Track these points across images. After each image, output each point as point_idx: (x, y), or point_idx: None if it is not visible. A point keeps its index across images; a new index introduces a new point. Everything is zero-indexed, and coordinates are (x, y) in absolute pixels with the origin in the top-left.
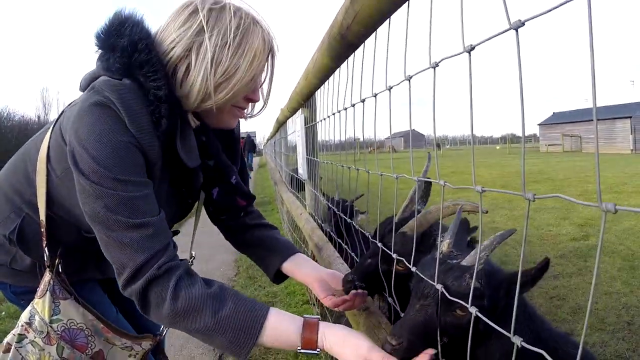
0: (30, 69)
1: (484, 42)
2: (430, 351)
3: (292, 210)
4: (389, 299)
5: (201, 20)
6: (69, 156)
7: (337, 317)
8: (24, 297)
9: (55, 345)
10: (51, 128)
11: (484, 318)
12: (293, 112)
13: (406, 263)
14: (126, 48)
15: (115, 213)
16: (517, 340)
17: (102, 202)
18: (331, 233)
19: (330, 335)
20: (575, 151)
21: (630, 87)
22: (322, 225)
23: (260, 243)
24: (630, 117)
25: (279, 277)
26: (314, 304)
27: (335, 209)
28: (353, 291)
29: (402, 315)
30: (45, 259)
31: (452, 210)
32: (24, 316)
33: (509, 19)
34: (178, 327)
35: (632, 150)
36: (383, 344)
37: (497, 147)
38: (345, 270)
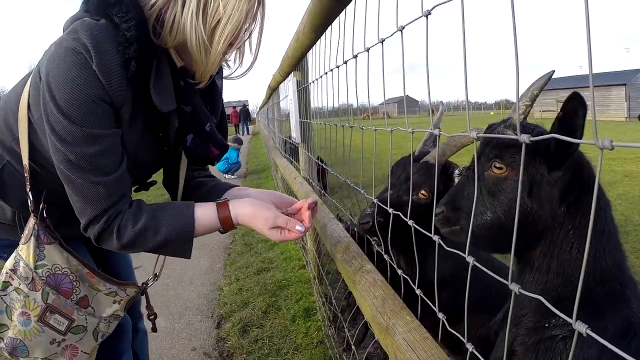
0: (17, 43)
1: None
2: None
3: (286, 175)
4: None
5: None
6: (41, 97)
7: (333, 280)
8: (5, 250)
9: (40, 290)
10: (34, 72)
11: None
12: (285, 76)
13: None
14: None
15: (76, 169)
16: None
17: (65, 155)
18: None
19: (241, 212)
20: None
21: (626, 55)
22: (314, 184)
23: (199, 186)
24: (625, 84)
25: None
26: (311, 267)
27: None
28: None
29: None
30: (30, 204)
31: (469, 140)
32: (8, 263)
33: None
34: (134, 252)
35: (626, 117)
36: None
37: (492, 113)
38: (341, 231)
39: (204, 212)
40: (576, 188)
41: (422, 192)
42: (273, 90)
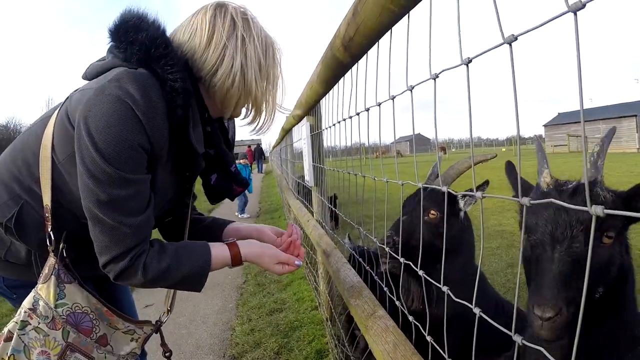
0: (35, 79)
1: (480, 55)
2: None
3: (299, 217)
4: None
5: (236, 22)
6: (75, 139)
7: (347, 320)
8: (17, 291)
9: (61, 329)
10: (55, 113)
11: None
12: (299, 120)
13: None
14: (144, 42)
15: (107, 209)
16: None
17: (97, 195)
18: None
19: (249, 252)
20: (581, 151)
21: (635, 85)
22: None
23: (197, 221)
24: (636, 115)
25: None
26: (323, 309)
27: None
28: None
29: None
30: (50, 243)
31: (469, 164)
32: (27, 302)
33: (502, 34)
34: (154, 287)
35: (638, 149)
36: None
37: (503, 150)
38: (354, 276)
39: (218, 251)
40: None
41: (432, 212)
42: (286, 132)
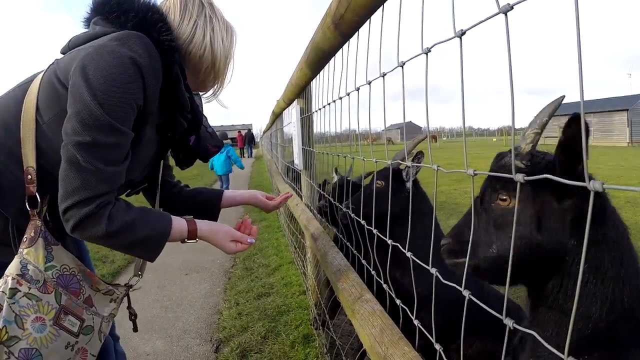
0: (21, 63)
1: (474, 26)
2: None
3: (288, 201)
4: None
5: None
6: (70, 87)
7: (332, 308)
8: None
9: (53, 292)
10: (40, 77)
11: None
12: (289, 103)
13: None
14: (140, 9)
15: (86, 151)
16: None
17: (81, 137)
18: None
19: (204, 228)
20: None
21: (628, 80)
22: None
23: (194, 195)
24: (627, 109)
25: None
26: (310, 294)
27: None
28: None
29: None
30: (34, 206)
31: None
32: (13, 269)
33: (498, 3)
34: (111, 244)
35: (628, 143)
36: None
37: (494, 140)
38: (341, 259)
39: (176, 223)
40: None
41: (378, 182)
42: (277, 116)
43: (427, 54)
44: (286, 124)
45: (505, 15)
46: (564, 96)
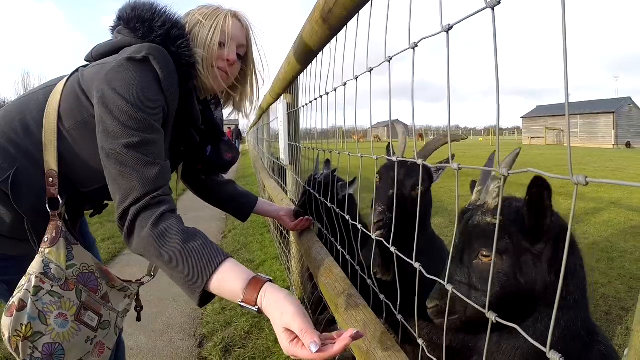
0: (11, 51)
1: (461, 21)
2: (352, 330)
3: (273, 196)
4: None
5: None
6: (96, 101)
7: (316, 303)
8: None
9: (74, 289)
10: (63, 83)
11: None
12: (276, 97)
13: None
14: (165, 23)
15: (133, 149)
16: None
17: (124, 139)
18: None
19: (269, 296)
20: (558, 144)
21: (614, 83)
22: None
23: (232, 197)
24: (613, 112)
25: (247, 217)
26: (294, 289)
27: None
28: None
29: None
30: (55, 208)
31: (444, 141)
32: (36, 267)
33: None
34: (149, 253)
35: (613, 145)
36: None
37: (480, 139)
38: (325, 254)
39: (233, 270)
40: (560, 253)
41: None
42: (264, 111)
43: (414, 49)
44: (273, 119)
45: (493, 10)
46: (520, 149)
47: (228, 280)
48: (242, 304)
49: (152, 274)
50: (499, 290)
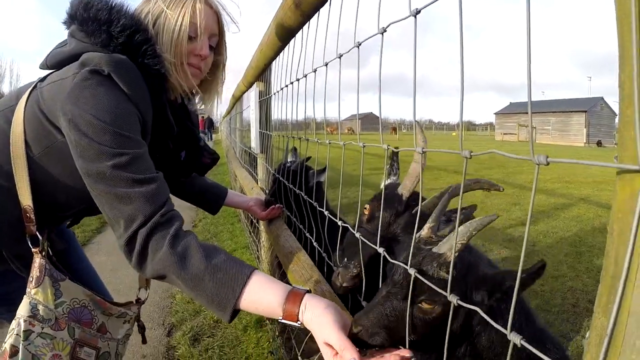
0: None
1: (429, 5)
2: (405, 352)
3: (244, 185)
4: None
5: None
6: (66, 125)
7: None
8: None
9: (66, 328)
10: (22, 105)
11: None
12: (249, 86)
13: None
14: (126, 28)
15: (123, 170)
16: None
17: (108, 160)
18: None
19: (309, 310)
20: (529, 141)
21: (587, 83)
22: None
23: (202, 191)
24: (586, 111)
25: (218, 210)
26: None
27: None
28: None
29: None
30: (36, 245)
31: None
32: (23, 311)
33: None
34: (170, 275)
35: (585, 143)
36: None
37: (454, 134)
38: (293, 242)
39: (262, 294)
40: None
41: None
42: (237, 100)
43: (382, 34)
44: (245, 107)
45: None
46: (496, 216)
47: (262, 295)
48: (283, 321)
49: (146, 285)
50: (432, 334)
